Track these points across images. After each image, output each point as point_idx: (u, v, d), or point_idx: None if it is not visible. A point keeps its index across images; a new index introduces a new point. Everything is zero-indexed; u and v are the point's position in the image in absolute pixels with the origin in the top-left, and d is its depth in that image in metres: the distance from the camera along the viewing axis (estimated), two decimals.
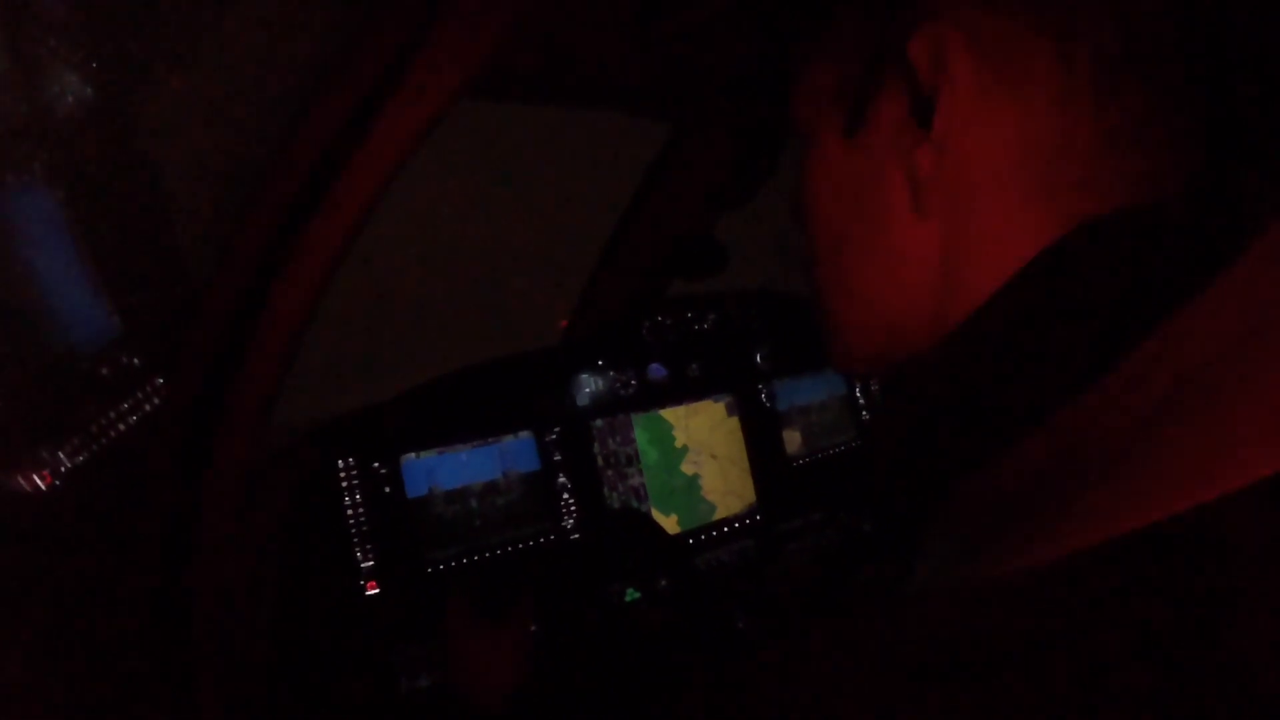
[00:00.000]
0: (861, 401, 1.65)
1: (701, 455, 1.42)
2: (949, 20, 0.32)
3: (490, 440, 1.22)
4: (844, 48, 0.38)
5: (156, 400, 0.76)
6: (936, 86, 0.33)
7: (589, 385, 1.33)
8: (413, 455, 1.15)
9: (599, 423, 1.33)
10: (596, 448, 1.32)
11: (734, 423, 1.47)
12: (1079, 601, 0.23)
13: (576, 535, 1.26)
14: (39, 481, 0.71)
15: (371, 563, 1.08)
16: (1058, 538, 0.25)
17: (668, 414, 1.40)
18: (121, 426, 0.76)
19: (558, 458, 1.27)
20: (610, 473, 1.32)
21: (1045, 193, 0.32)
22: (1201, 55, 0.30)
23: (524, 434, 1.25)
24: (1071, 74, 0.31)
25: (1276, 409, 0.23)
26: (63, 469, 0.72)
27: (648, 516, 1.29)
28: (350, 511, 1.08)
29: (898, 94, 0.35)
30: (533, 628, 0.90)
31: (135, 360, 0.78)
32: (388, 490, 1.12)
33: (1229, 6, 0.30)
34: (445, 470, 1.17)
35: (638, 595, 1.22)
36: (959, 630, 0.24)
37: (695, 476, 1.41)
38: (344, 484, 1.09)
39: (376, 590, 1.08)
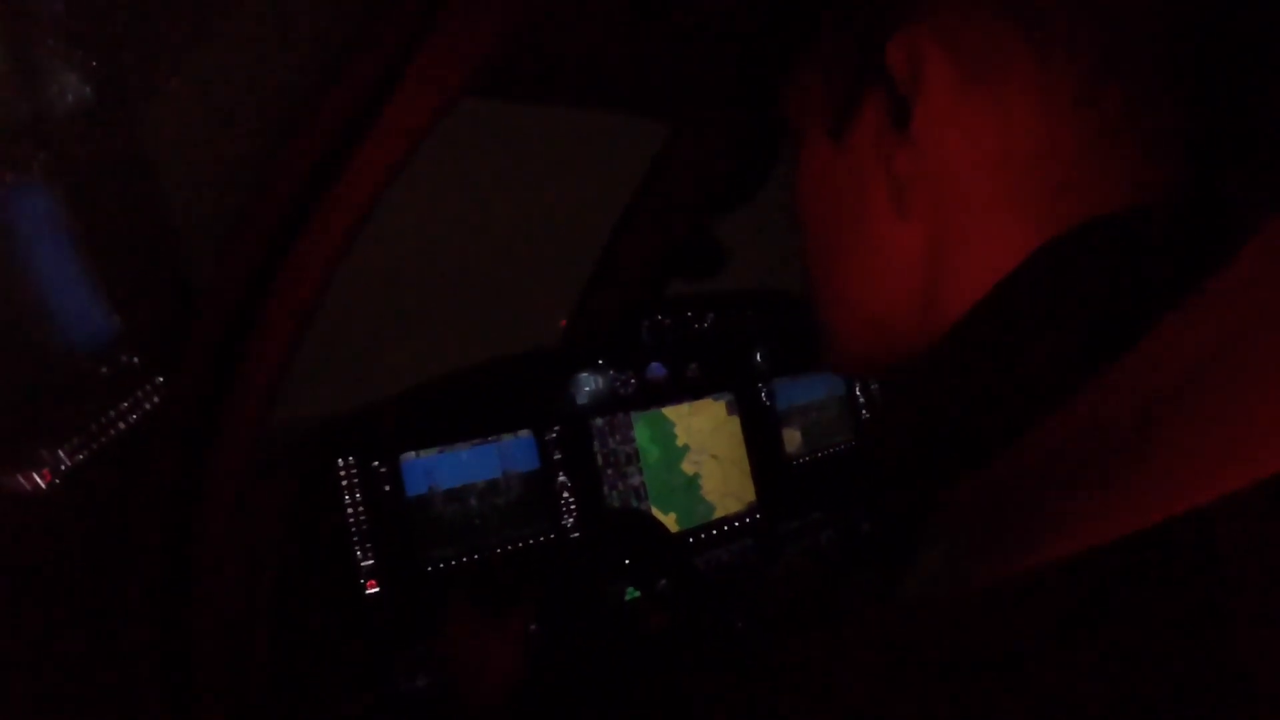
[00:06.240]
0: (861, 400, 1.65)
1: (702, 455, 1.42)
2: (925, 24, 0.32)
3: (490, 439, 1.22)
4: (829, 50, 0.38)
5: (156, 399, 0.76)
6: (913, 90, 0.33)
7: (588, 384, 1.33)
8: (412, 454, 1.15)
9: (599, 422, 1.33)
10: (596, 446, 1.32)
11: (734, 423, 1.47)
12: (1077, 605, 0.23)
13: (576, 534, 1.26)
14: (38, 480, 0.71)
15: (371, 562, 1.08)
16: (1055, 541, 0.25)
17: (670, 412, 1.40)
18: (121, 425, 0.75)
19: (557, 457, 1.27)
20: (610, 472, 1.32)
21: (1027, 195, 0.32)
22: (1183, 55, 0.30)
23: (524, 433, 1.25)
24: (1049, 76, 0.30)
25: (1275, 408, 0.23)
26: (62, 468, 0.72)
27: (648, 515, 1.29)
28: (350, 510, 1.08)
29: (880, 97, 0.35)
30: (533, 627, 0.90)
31: (134, 359, 0.78)
32: (387, 489, 1.12)
33: (1212, 6, 0.30)
34: (445, 469, 1.17)
35: (637, 595, 1.22)
36: (958, 636, 0.24)
37: (695, 476, 1.40)
38: (343, 483, 1.09)
39: (376, 589, 1.08)
